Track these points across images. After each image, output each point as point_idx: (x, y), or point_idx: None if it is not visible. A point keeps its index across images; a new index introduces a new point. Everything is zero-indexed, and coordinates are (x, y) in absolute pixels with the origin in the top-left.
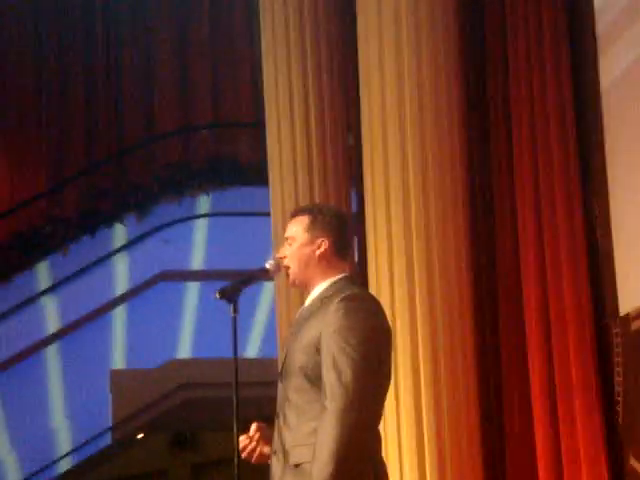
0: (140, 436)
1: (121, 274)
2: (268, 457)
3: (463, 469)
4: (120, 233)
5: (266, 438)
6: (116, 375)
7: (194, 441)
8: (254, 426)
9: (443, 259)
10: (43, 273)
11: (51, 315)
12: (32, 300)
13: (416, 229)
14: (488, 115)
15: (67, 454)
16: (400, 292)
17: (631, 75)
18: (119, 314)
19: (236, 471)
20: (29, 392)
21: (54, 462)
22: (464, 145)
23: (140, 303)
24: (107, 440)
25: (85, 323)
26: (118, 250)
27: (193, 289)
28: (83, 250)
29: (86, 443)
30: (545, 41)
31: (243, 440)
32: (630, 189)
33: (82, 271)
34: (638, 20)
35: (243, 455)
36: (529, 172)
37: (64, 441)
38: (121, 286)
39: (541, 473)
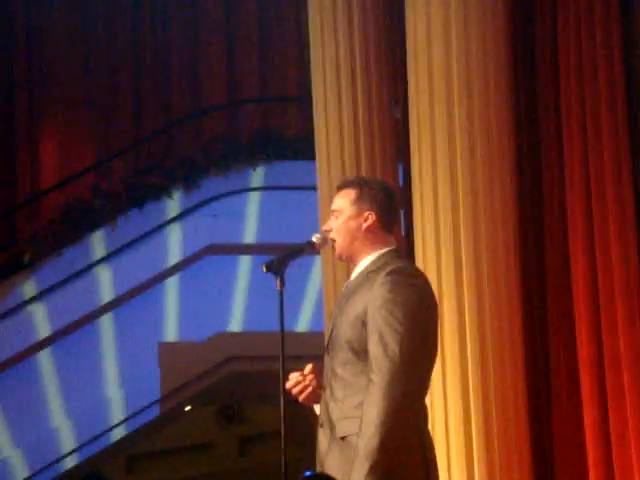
0: (188, 408)
1: (169, 248)
2: (316, 399)
3: (510, 445)
4: (168, 207)
5: (319, 381)
6: (165, 348)
7: (241, 414)
8: (309, 366)
9: (490, 232)
10: (92, 247)
11: (102, 288)
12: (82, 273)
13: (463, 203)
14: (536, 89)
15: (115, 426)
16: (447, 266)
17: None
18: (168, 287)
19: (283, 444)
20: (82, 362)
21: (104, 433)
22: (512, 118)
23: (188, 277)
24: (156, 412)
25: (134, 297)
26: (166, 224)
27: (241, 263)
28: (132, 224)
29: (135, 415)
30: (596, 14)
31: (296, 376)
32: None
33: (130, 245)
34: None
35: (294, 390)
36: (578, 146)
37: (114, 412)
38: (170, 260)
39: (590, 449)
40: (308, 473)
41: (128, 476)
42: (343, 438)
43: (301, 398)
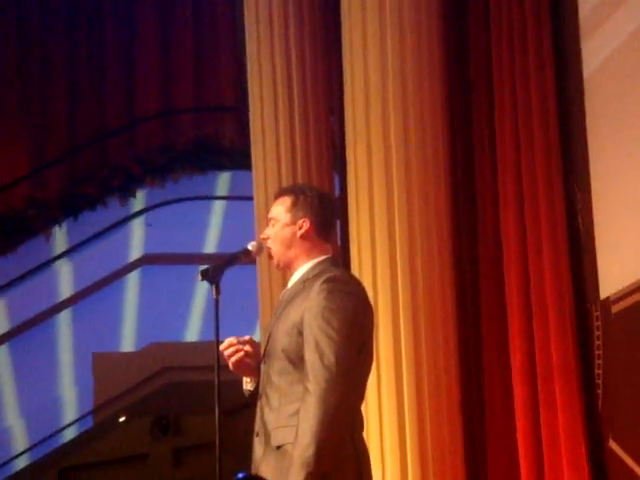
0: (122, 419)
1: (104, 257)
2: (246, 371)
3: (444, 450)
4: (103, 217)
5: (253, 353)
6: (98, 358)
7: (176, 425)
8: (247, 336)
9: (426, 243)
10: (26, 256)
11: (37, 296)
12: (17, 281)
13: (399, 213)
14: (471, 101)
15: (49, 436)
16: (382, 276)
17: (614, 63)
18: (103, 298)
19: (218, 455)
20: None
21: (34, 446)
22: (447, 130)
23: (123, 286)
24: (89, 423)
25: (69, 306)
26: (101, 233)
27: (175, 272)
28: (66, 234)
29: (68, 426)
30: (528, 27)
31: (231, 340)
32: (611, 173)
33: (65, 254)
34: (622, 5)
35: (226, 352)
36: (512, 160)
37: (43, 424)
38: (105, 270)
39: (521, 455)
40: (241, 475)
41: None
42: (279, 447)
43: (232, 362)
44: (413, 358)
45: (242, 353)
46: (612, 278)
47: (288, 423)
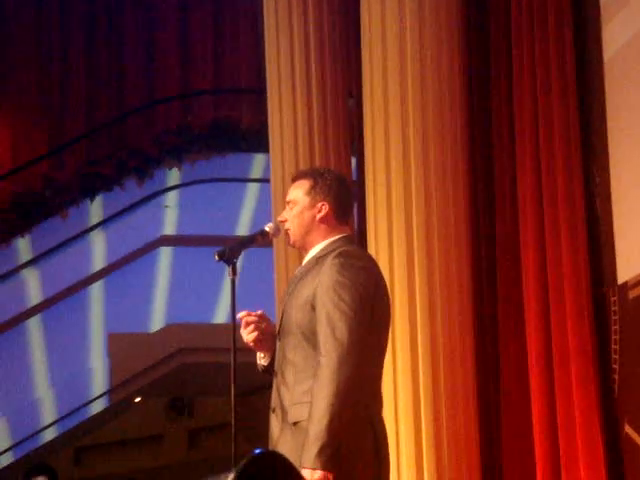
0: (137, 400)
1: (121, 239)
2: (262, 346)
3: (459, 434)
4: (120, 198)
5: (267, 328)
6: (114, 339)
7: (191, 406)
8: (260, 311)
9: (443, 225)
10: (44, 237)
11: (53, 278)
12: (33, 262)
13: (416, 196)
14: (490, 88)
15: (66, 415)
16: (399, 258)
17: (634, 47)
18: (120, 278)
19: (233, 436)
20: (27, 355)
21: (52, 424)
22: (466, 112)
23: (140, 267)
24: (105, 403)
25: (84, 288)
26: (118, 214)
27: (193, 254)
28: (83, 214)
29: (84, 405)
30: (549, 11)
31: (245, 318)
32: (631, 157)
33: (81, 236)
34: None
35: (242, 330)
36: (530, 141)
37: (61, 404)
38: (121, 251)
39: (537, 439)
40: (258, 451)
41: (76, 468)
42: (295, 424)
43: (251, 338)
44: (429, 341)
45: (258, 331)
46: (630, 263)
47: (303, 399)
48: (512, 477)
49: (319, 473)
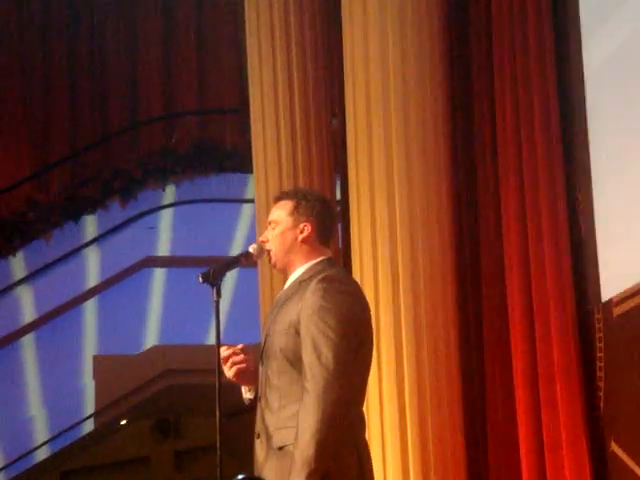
0: (123, 422)
1: (106, 261)
2: (245, 380)
3: (446, 454)
4: (105, 219)
5: (250, 361)
6: (99, 361)
7: (177, 428)
8: (241, 345)
9: (427, 247)
10: (26, 260)
11: (34, 301)
12: (16, 285)
13: (400, 216)
14: (473, 107)
15: (50, 439)
16: (384, 279)
17: (615, 62)
18: (102, 300)
19: (219, 457)
20: (9, 381)
21: (35, 449)
22: (448, 135)
23: (124, 289)
24: (90, 426)
25: (69, 310)
26: (102, 236)
27: (177, 275)
28: (67, 237)
29: (69, 429)
30: (529, 26)
31: (226, 352)
32: (613, 176)
33: (65, 258)
34: (622, 5)
35: (225, 366)
36: (513, 162)
37: (47, 426)
38: (105, 273)
39: (523, 458)
40: (241, 476)
41: None
42: (280, 448)
43: (231, 373)
44: (414, 360)
45: (243, 365)
46: (614, 281)
47: (288, 424)
48: None
49: None
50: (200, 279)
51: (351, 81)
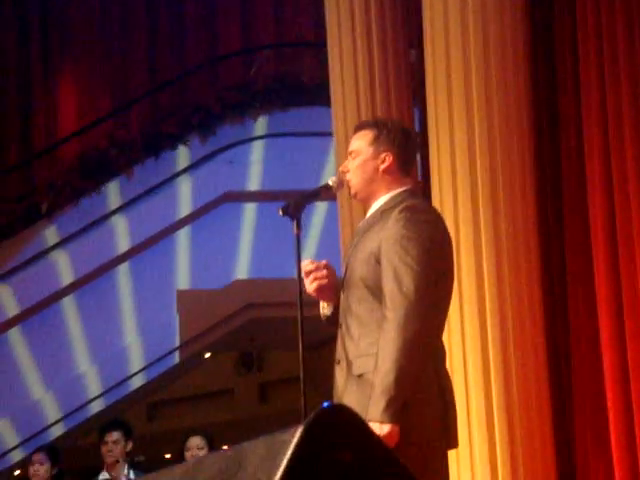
0: (207, 356)
1: (185, 196)
2: (325, 295)
3: (528, 384)
4: (184, 155)
5: (331, 277)
6: (182, 295)
7: (260, 361)
8: (324, 261)
9: (507, 176)
10: (109, 196)
11: (119, 237)
12: (100, 222)
13: (479, 147)
14: (554, 28)
15: (135, 373)
16: (464, 210)
17: None
18: (184, 235)
19: (302, 389)
20: (102, 311)
21: (123, 380)
22: (528, 62)
23: (205, 224)
24: (174, 359)
25: (151, 246)
26: (182, 172)
27: (256, 209)
28: (148, 172)
29: (154, 363)
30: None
31: (308, 266)
32: None
33: (146, 194)
34: None
35: (306, 280)
36: (595, 92)
37: (133, 360)
38: (185, 208)
39: (607, 388)
40: (326, 404)
41: (149, 423)
42: (360, 376)
43: (312, 288)
44: (496, 290)
45: (325, 280)
46: None
47: (369, 352)
48: (583, 420)
49: (387, 427)
50: (280, 212)
51: (429, 12)
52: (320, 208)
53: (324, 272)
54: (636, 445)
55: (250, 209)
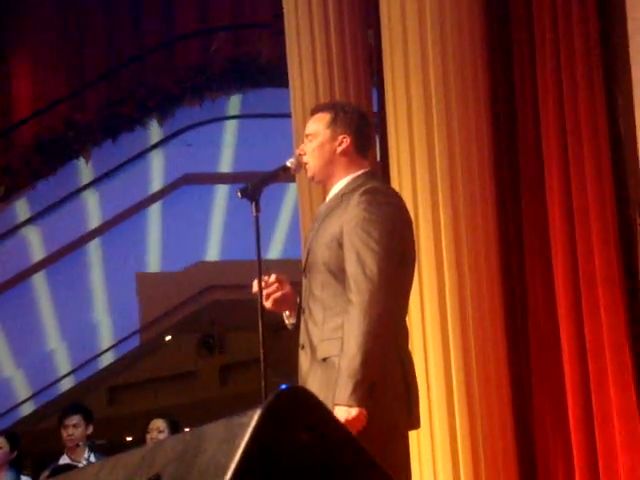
0: (168, 338)
1: (144, 179)
2: (283, 306)
3: (488, 363)
4: (142, 137)
5: (285, 288)
6: (142, 278)
7: (221, 343)
8: (273, 275)
9: (465, 155)
10: (67, 178)
11: (79, 219)
12: (59, 204)
13: (437, 127)
14: (509, 6)
15: (96, 356)
16: (422, 191)
17: None
18: (144, 218)
19: (263, 371)
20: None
21: (84, 364)
22: (485, 38)
23: (164, 207)
24: (135, 342)
25: (109, 229)
26: (141, 154)
27: (216, 191)
28: (105, 155)
29: (114, 345)
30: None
31: (256, 285)
32: None
33: (105, 177)
34: None
35: (267, 292)
36: (551, 64)
37: (93, 345)
38: (145, 191)
39: (566, 365)
40: (284, 386)
41: (110, 407)
42: (324, 359)
43: (269, 305)
44: (455, 270)
45: (278, 293)
46: None
47: (333, 336)
48: (542, 396)
49: (355, 410)
50: (239, 194)
51: None
52: (279, 189)
53: (274, 286)
54: (593, 420)
55: (211, 191)
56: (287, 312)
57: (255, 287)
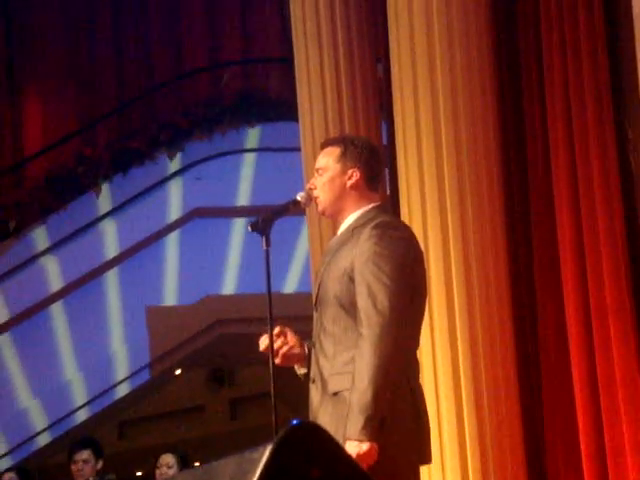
0: (178, 372)
1: (155, 212)
2: (294, 359)
3: (498, 395)
4: (153, 172)
5: (292, 339)
6: (152, 312)
7: (231, 377)
8: (277, 328)
9: (475, 184)
10: (77, 213)
11: (89, 253)
12: (69, 239)
13: (447, 158)
14: (518, 43)
15: (106, 391)
16: (432, 223)
17: None
18: (155, 252)
19: (273, 405)
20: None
21: (97, 396)
22: (494, 73)
23: (175, 241)
24: (146, 376)
25: (121, 262)
26: (151, 188)
27: (227, 225)
28: (116, 190)
29: (127, 379)
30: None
31: (265, 339)
32: None
33: (116, 211)
34: None
35: (278, 349)
36: (561, 100)
37: (104, 378)
38: (156, 224)
39: (577, 397)
40: (296, 421)
41: (120, 441)
42: (335, 394)
43: (277, 361)
44: (465, 303)
45: (285, 348)
46: None
47: (343, 370)
48: (553, 430)
49: (366, 445)
50: (249, 228)
51: (395, 25)
52: (291, 223)
53: (279, 341)
54: (605, 454)
55: (221, 224)
56: (297, 365)
57: (263, 343)
